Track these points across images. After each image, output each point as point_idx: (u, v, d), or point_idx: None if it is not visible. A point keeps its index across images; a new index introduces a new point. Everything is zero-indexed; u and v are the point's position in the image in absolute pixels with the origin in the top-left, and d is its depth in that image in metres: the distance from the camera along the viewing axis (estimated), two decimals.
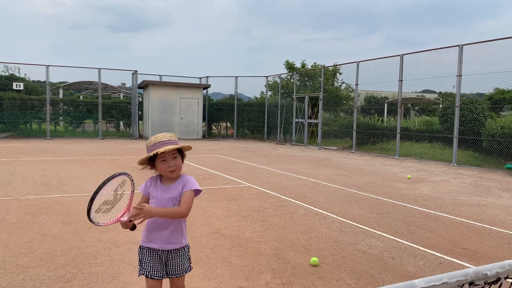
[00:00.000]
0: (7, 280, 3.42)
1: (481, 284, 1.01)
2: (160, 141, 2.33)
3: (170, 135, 2.38)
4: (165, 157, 2.32)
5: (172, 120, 21.34)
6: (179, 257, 2.42)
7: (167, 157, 2.33)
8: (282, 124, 21.08)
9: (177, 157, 2.37)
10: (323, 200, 6.96)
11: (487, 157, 12.15)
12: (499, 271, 1.02)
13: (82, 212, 5.73)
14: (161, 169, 2.35)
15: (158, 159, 2.33)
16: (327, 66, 20.81)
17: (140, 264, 2.42)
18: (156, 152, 2.28)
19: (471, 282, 0.99)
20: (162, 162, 2.33)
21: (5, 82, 20.57)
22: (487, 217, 6.07)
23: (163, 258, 2.41)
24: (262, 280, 3.57)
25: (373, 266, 3.96)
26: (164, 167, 2.34)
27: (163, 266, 2.41)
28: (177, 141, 2.39)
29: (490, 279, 1.01)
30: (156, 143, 2.33)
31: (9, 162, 10.66)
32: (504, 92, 14.91)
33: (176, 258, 2.42)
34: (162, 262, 2.41)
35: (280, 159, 13.19)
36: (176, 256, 2.42)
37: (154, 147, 2.32)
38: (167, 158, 2.33)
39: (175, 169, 2.35)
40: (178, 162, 2.37)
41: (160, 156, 2.31)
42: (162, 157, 2.32)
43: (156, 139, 2.35)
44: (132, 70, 21.62)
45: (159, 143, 2.32)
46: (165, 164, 2.33)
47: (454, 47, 12.52)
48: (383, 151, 15.55)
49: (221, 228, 5.12)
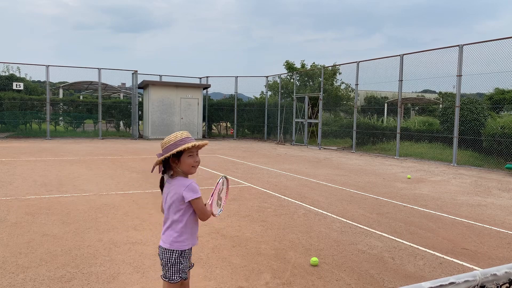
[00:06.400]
0: (7, 280, 3.42)
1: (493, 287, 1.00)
2: (187, 137, 2.37)
3: (188, 133, 2.43)
4: (192, 152, 2.37)
5: (172, 120, 21.34)
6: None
7: (194, 152, 2.38)
8: (282, 124, 21.08)
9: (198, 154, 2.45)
10: (323, 200, 6.96)
11: (487, 157, 12.15)
12: (508, 272, 1.01)
13: (82, 212, 5.73)
14: (188, 163, 2.37)
15: (185, 154, 2.35)
16: (327, 66, 20.82)
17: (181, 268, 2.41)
18: (193, 145, 2.31)
19: (482, 286, 0.98)
20: (189, 157, 2.36)
21: (5, 82, 20.57)
22: (487, 217, 6.07)
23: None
24: (262, 280, 3.57)
25: (373, 266, 3.96)
26: (191, 161, 2.37)
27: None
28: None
29: (501, 281, 1.01)
30: (184, 138, 2.35)
31: (9, 162, 10.66)
32: (504, 92, 14.90)
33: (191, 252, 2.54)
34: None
35: (280, 159, 13.19)
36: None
37: (183, 141, 2.33)
38: (194, 153, 2.38)
39: (198, 165, 2.44)
40: (199, 159, 2.45)
41: (188, 151, 2.34)
42: (190, 152, 2.35)
43: (182, 135, 2.37)
44: (132, 70, 21.63)
45: (187, 138, 2.36)
46: (192, 159, 2.37)
47: (454, 47, 12.52)
48: (383, 151, 15.55)
49: (221, 228, 5.12)
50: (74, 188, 7.39)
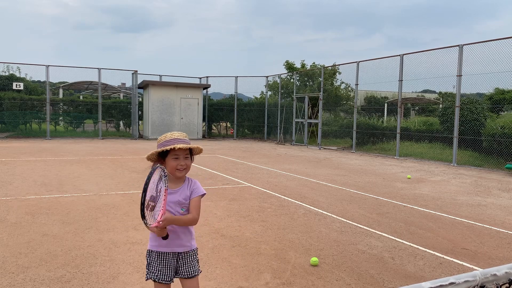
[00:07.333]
0: (7, 280, 3.42)
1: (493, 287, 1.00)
2: (176, 138, 2.30)
3: (185, 135, 2.37)
4: (178, 155, 2.30)
5: (172, 120, 21.34)
6: (189, 258, 2.39)
7: (180, 155, 2.30)
8: (282, 124, 21.08)
9: (188, 158, 2.36)
10: (323, 200, 6.96)
11: (487, 157, 12.15)
12: (508, 272, 1.01)
13: (82, 212, 5.73)
14: (171, 166, 2.31)
15: (170, 156, 2.30)
16: (327, 66, 20.82)
17: (148, 268, 2.39)
18: (173, 147, 2.24)
19: (482, 286, 0.98)
20: (173, 160, 2.30)
21: (5, 82, 20.57)
22: (487, 217, 6.07)
23: (173, 261, 2.37)
24: (262, 280, 3.57)
25: (373, 266, 3.96)
26: (174, 164, 2.30)
27: (171, 270, 2.38)
28: (190, 142, 2.37)
29: (501, 281, 1.00)
30: (172, 139, 2.30)
31: (9, 162, 10.65)
32: (504, 92, 14.90)
33: (186, 260, 2.39)
34: (171, 265, 2.37)
35: (280, 159, 13.19)
36: (186, 258, 2.39)
37: (169, 142, 2.28)
38: (180, 157, 2.30)
39: (185, 169, 2.33)
40: (188, 162, 2.35)
41: (173, 153, 2.28)
42: (175, 155, 2.29)
43: (172, 136, 2.32)
44: (132, 70, 21.63)
45: (175, 140, 2.30)
46: (176, 162, 2.30)
47: (454, 47, 12.52)
48: (383, 151, 15.54)
49: (221, 228, 5.12)
50: (74, 188, 7.39)
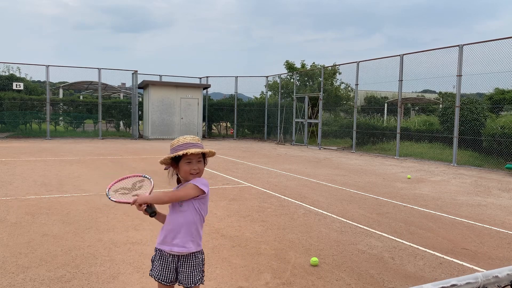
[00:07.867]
0: (7, 280, 3.42)
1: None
2: (189, 143, 2.31)
3: (197, 139, 2.38)
4: (191, 160, 2.31)
5: (172, 120, 21.34)
6: (190, 265, 2.34)
7: (193, 159, 2.31)
8: (282, 124, 21.08)
9: (201, 161, 2.36)
10: (323, 200, 6.96)
11: (487, 157, 12.15)
12: (510, 274, 1.01)
13: (82, 212, 5.73)
14: (184, 170, 2.32)
15: (183, 160, 2.31)
16: (327, 66, 20.82)
17: (152, 264, 2.42)
18: (186, 152, 2.25)
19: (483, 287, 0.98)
20: (186, 164, 2.31)
21: (5, 82, 20.57)
22: (487, 217, 6.07)
23: (172, 264, 2.35)
24: (262, 280, 3.57)
25: (373, 266, 3.96)
26: (187, 168, 2.31)
27: (171, 272, 2.35)
28: (202, 146, 2.37)
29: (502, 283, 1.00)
30: (185, 143, 2.31)
31: (9, 162, 10.66)
32: (504, 92, 14.90)
33: (186, 265, 2.34)
34: (170, 267, 2.35)
35: (280, 159, 13.19)
36: (186, 263, 2.34)
37: (182, 147, 2.29)
38: (192, 161, 2.31)
39: (198, 173, 2.34)
40: (201, 166, 2.36)
41: (186, 157, 2.29)
42: (188, 159, 2.30)
43: (185, 140, 2.33)
44: (132, 70, 21.63)
45: (187, 144, 2.31)
46: (189, 166, 2.31)
47: (454, 47, 12.52)
48: (383, 151, 15.54)
49: (221, 228, 5.12)
50: (74, 188, 7.39)
